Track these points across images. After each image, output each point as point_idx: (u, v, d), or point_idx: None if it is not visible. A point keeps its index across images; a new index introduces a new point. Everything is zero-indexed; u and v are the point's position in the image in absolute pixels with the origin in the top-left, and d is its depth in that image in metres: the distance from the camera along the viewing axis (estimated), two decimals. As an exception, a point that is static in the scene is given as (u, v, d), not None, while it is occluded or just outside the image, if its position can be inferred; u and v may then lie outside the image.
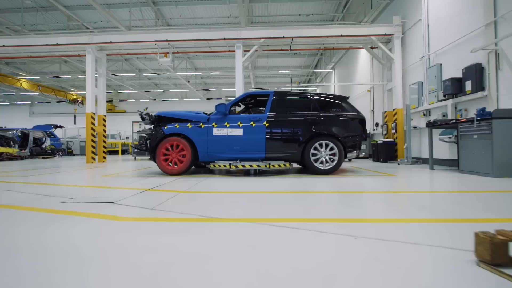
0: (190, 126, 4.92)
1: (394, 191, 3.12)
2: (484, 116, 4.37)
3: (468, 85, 5.64)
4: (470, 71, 5.59)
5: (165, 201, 2.57)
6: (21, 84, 17.98)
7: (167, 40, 8.59)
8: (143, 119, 12.53)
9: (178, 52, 9.61)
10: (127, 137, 24.04)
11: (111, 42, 8.69)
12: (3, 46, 8.99)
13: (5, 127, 18.28)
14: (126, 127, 25.49)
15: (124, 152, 19.25)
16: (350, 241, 1.45)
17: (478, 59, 5.51)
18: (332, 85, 15.26)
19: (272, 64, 20.24)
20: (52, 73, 21.33)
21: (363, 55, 11.77)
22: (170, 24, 14.85)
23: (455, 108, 6.21)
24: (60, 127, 16.61)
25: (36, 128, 15.50)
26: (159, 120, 5.34)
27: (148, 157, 12.85)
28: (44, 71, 20.30)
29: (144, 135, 5.65)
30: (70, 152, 17.93)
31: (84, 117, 28.37)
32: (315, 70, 19.42)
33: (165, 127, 4.97)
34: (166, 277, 1.06)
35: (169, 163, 4.89)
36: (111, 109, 28.22)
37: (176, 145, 4.89)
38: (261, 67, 20.84)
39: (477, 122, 4.46)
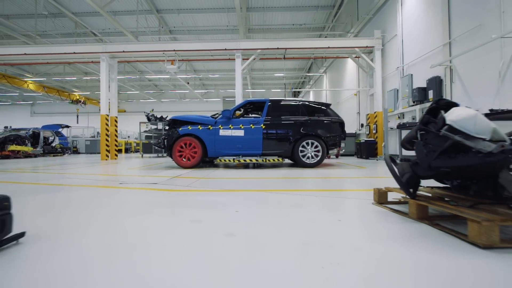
0: (200, 128, 5.98)
1: (354, 177, 4.24)
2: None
3: (431, 94, 6.79)
4: (432, 82, 6.75)
5: (192, 183, 3.65)
6: (28, 86, 18.79)
7: (174, 50, 9.60)
8: (149, 119, 13.51)
9: (183, 60, 10.63)
10: (128, 136, 24.94)
11: (123, 52, 9.68)
12: (25, 54, 9.91)
13: (10, 127, 19.08)
14: (126, 127, 26.38)
15: (127, 150, 20.14)
16: (313, 197, 2.55)
17: (438, 72, 6.66)
18: (323, 90, 16.40)
19: (268, 66, 21.33)
20: (56, 74, 22.12)
21: (351, 62, 12.90)
22: (172, 31, 15.83)
23: (422, 112, 7.36)
24: (67, 126, 17.49)
25: (45, 127, 16.36)
26: (174, 123, 6.36)
27: (154, 155, 13.85)
28: (49, 73, 21.08)
29: (162, 135, 6.68)
30: (75, 151, 18.80)
31: (85, 117, 29.08)
32: (308, 74, 20.54)
33: (180, 129, 6.01)
34: (217, 209, 2.14)
35: (183, 158, 5.94)
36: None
37: (189, 144, 5.94)
38: (257, 69, 21.89)
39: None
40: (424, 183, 2.37)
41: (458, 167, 1.48)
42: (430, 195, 2.04)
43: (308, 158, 5.97)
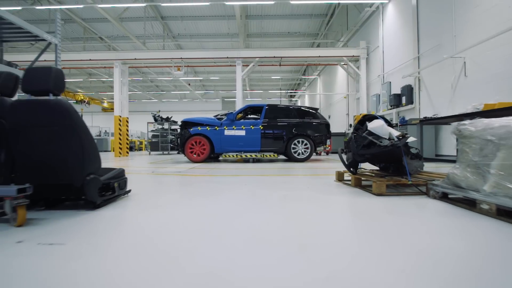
0: (208, 129, 7.10)
1: (333, 168, 5.38)
2: (404, 122, 6.71)
3: (404, 100, 7.98)
4: (405, 90, 7.93)
5: (208, 171, 4.78)
6: (37, 87, 19.71)
7: (181, 58, 10.70)
8: (155, 120, 14.52)
9: (188, 66, 11.73)
10: (131, 135, 25.94)
11: (135, 59, 10.75)
12: (45, 60, 10.92)
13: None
14: (129, 125, 27.35)
15: (131, 148, 21.13)
16: (297, 178, 3.70)
17: (410, 81, 7.84)
18: (316, 94, 17.54)
19: (266, 69, 22.41)
20: (61, 75, 22.91)
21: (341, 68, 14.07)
22: (175, 36, 16.87)
23: (398, 115, 8.55)
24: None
25: (55, 127, 17.33)
26: (185, 124, 7.44)
27: (159, 152, 14.90)
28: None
29: (175, 135, 7.73)
30: (82, 149, 19.76)
31: (89, 116, 29.80)
32: (303, 76, 21.69)
33: (191, 129, 7.12)
34: (232, 184, 3.28)
35: (194, 154, 7.06)
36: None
37: (198, 142, 7.05)
38: (255, 72, 22.96)
39: (400, 126, 6.78)
40: (369, 167, 3.54)
41: (372, 153, 2.63)
42: (373, 174, 3.19)
43: (299, 154, 7.12)
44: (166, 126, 13.21)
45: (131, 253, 1.20)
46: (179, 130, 10.58)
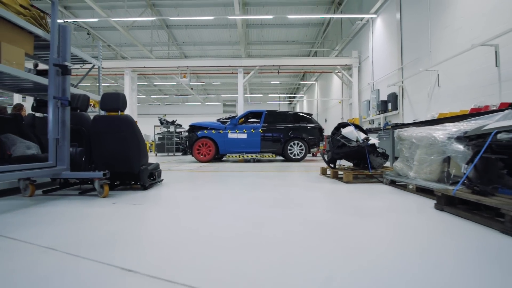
0: (214, 132, 7.95)
1: (323, 166, 6.23)
2: (386, 126, 7.55)
3: (390, 106, 8.84)
4: (390, 97, 8.79)
5: (215, 169, 5.62)
6: (46, 91, 20.59)
7: (186, 66, 11.58)
8: (161, 123, 15.31)
9: (193, 73, 12.61)
10: (135, 137, 26.83)
11: (144, 67, 11.63)
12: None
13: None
14: (133, 128, 28.17)
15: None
16: (290, 173, 4.55)
17: (395, 90, 8.70)
18: (314, 100, 18.41)
19: (265, 74, 23.32)
20: (68, 80, 23.81)
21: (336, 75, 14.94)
22: (179, 44, 17.78)
23: (385, 119, 9.41)
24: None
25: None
26: (192, 128, 8.28)
27: (165, 154, 15.72)
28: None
29: (180, 138, 8.56)
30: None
31: (95, 119, 30.81)
32: (301, 82, 22.59)
33: (198, 133, 7.97)
34: (238, 177, 4.14)
35: (201, 155, 7.90)
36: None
37: (205, 144, 7.90)
38: (255, 77, 23.86)
39: (384, 130, 7.63)
40: (347, 164, 4.39)
41: (344, 152, 3.48)
42: (347, 168, 4.03)
43: (295, 155, 7.96)
44: (171, 129, 14.06)
45: (183, 206, 2.05)
46: (183, 133, 11.50)
